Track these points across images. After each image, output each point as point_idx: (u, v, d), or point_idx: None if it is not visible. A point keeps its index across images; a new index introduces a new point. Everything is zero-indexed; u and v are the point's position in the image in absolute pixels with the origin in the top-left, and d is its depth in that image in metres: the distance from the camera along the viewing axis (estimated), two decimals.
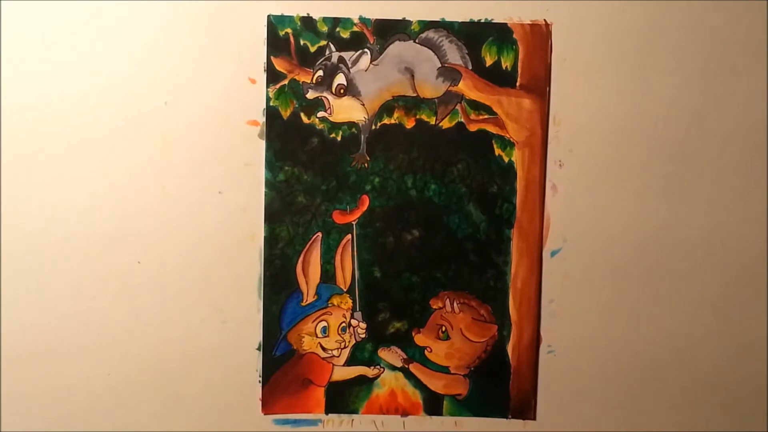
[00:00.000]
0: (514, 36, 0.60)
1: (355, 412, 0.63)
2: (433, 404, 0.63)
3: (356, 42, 0.60)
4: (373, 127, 0.61)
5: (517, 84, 0.61)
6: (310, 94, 0.60)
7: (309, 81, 0.60)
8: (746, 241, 0.62)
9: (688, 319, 0.63)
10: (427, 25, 0.60)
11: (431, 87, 0.61)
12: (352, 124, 0.61)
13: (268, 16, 0.59)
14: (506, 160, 0.61)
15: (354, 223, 0.61)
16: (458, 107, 0.61)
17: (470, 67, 0.60)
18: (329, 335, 0.62)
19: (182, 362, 0.62)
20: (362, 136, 0.61)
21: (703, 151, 0.62)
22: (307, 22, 0.59)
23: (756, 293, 0.63)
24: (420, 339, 0.62)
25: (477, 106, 0.61)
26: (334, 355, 0.62)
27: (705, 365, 0.63)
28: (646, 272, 0.62)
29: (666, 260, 0.62)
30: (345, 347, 0.62)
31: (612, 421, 0.63)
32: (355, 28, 0.60)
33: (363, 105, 0.60)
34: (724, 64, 0.61)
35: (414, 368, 0.62)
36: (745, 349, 0.63)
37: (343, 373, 0.63)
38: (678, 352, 0.63)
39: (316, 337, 0.62)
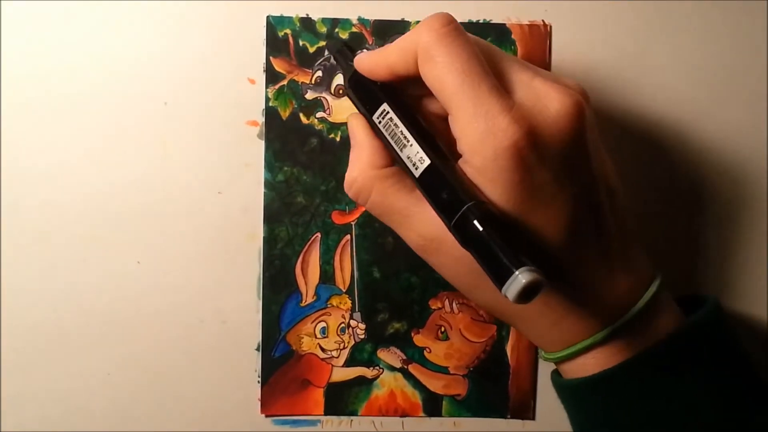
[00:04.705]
0: (513, 37, 0.60)
1: (354, 413, 0.62)
2: (432, 405, 0.62)
3: (355, 43, 0.60)
4: None
5: None
6: (309, 95, 0.60)
7: (308, 81, 0.60)
8: (746, 242, 0.62)
9: None
10: None
11: None
12: None
13: (268, 16, 0.59)
14: None
15: (353, 223, 0.61)
16: None
17: None
18: (328, 336, 0.62)
19: (181, 362, 0.62)
20: None
21: (703, 151, 0.62)
22: (306, 22, 0.60)
23: (756, 293, 0.62)
24: (419, 339, 0.62)
25: None
26: (333, 356, 0.62)
27: None
28: None
29: (666, 260, 0.62)
30: (344, 348, 0.62)
31: None
32: (354, 29, 0.60)
33: None
34: (724, 64, 0.61)
35: (413, 369, 0.62)
36: None
37: (342, 374, 0.62)
38: None
39: (316, 337, 0.62)
